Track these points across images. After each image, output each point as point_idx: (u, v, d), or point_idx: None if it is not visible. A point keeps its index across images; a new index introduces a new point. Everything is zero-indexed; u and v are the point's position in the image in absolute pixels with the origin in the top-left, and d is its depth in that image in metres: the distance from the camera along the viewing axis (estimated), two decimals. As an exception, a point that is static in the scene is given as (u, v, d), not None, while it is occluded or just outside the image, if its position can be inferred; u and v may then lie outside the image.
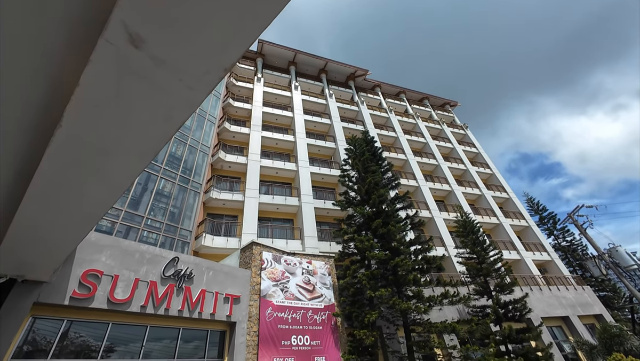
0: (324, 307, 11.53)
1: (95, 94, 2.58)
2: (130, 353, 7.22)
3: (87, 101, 2.61)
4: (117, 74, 2.44)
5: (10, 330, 5.55)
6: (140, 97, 2.67)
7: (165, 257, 8.49)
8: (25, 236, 4.50)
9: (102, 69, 2.39)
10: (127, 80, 2.52)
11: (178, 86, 2.61)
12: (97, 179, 3.49)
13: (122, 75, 2.46)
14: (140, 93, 2.64)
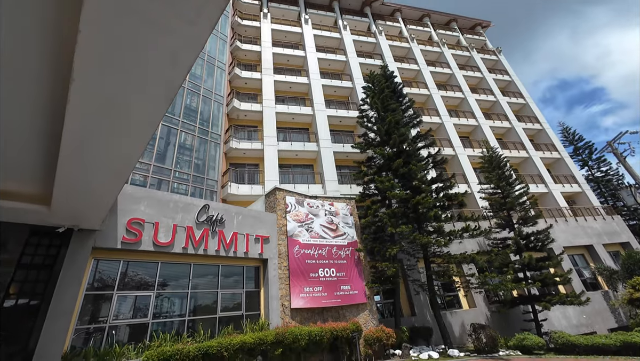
0: (347, 244, 12.29)
1: (97, 40, 2.46)
2: (181, 286, 8.34)
3: (91, 48, 2.50)
4: (113, 13, 2.27)
5: (78, 269, 6.49)
6: (143, 40, 2.52)
7: (196, 205, 9.11)
8: (69, 191, 4.91)
9: (98, 11, 2.23)
10: (125, 20, 2.35)
11: (178, 22, 2.41)
12: (118, 130, 3.57)
13: (119, 14, 2.28)
14: (142, 35, 2.49)
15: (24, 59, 2.86)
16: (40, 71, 3.01)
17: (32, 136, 3.89)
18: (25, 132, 3.82)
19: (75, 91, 2.92)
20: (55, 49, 2.79)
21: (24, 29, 2.59)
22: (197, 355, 6.79)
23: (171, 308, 8.13)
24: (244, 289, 9.56)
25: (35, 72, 3.01)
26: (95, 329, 6.76)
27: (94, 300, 6.94)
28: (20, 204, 5.25)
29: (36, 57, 2.84)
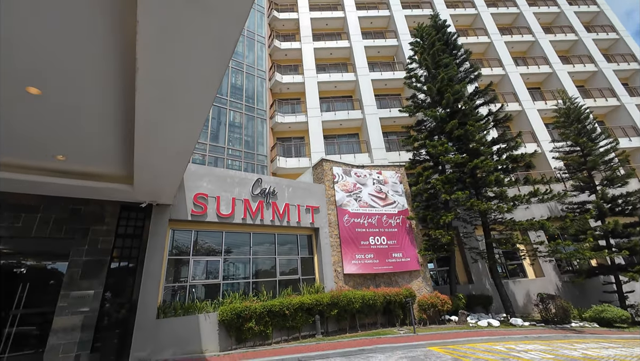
0: (397, 212, 12.08)
1: (152, 27, 2.60)
2: (243, 252, 9.22)
3: (148, 36, 2.67)
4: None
5: (160, 238, 7.57)
6: (189, 21, 2.60)
7: (250, 179, 9.71)
8: (145, 171, 5.60)
9: None
10: (173, 5, 2.44)
11: None
12: (179, 112, 3.85)
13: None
14: (187, 17, 2.56)
15: (99, 58, 3.18)
16: (113, 66, 3.33)
17: (112, 126, 4.44)
18: (106, 123, 4.37)
19: (141, 79, 3.19)
20: (122, 45, 3.05)
21: (98, 32, 2.85)
22: (262, 312, 7.63)
23: (236, 272, 9.12)
24: (299, 256, 10.20)
25: (109, 68, 3.35)
26: (178, 287, 7.96)
27: (175, 264, 8.10)
28: (111, 185, 6.19)
29: (109, 55, 3.14)
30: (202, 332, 7.15)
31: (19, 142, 4.77)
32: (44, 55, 3.14)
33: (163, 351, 6.63)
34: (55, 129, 4.45)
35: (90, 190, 6.37)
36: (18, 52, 3.08)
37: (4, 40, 2.92)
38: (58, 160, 5.37)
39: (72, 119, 4.27)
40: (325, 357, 6.58)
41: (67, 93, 3.75)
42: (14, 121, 4.18)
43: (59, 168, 5.71)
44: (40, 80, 3.50)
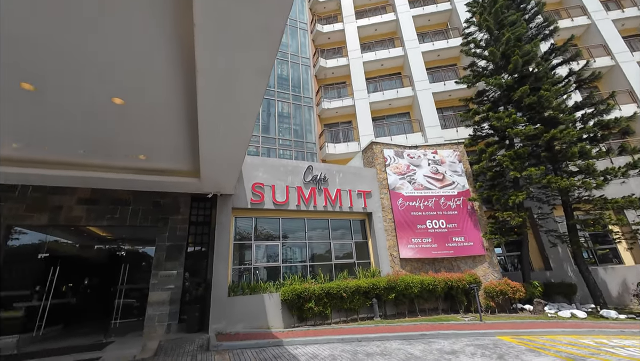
0: (457, 193, 11.23)
1: (206, 25, 2.76)
2: (299, 238, 9.62)
3: (205, 32, 2.84)
4: None
5: (226, 224, 8.32)
6: (237, 15, 2.68)
7: (301, 167, 9.97)
8: (210, 165, 6.14)
9: None
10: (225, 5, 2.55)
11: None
12: (236, 106, 4.08)
13: None
14: (237, 12, 2.65)
15: (166, 66, 3.51)
16: (176, 71, 3.66)
17: (181, 126, 4.92)
18: (175, 124, 4.87)
19: (201, 79, 3.46)
20: (182, 49, 3.31)
21: (162, 41, 3.13)
22: (321, 293, 7.94)
23: (294, 256, 9.58)
24: (353, 240, 10.26)
25: (175, 74, 3.69)
26: (244, 269, 8.72)
27: (239, 248, 8.85)
28: (182, 179, 6.96)
29: (172, 61, 3.44)
30: (267, 310, 7.77)
31: (110, 146, 5.61)
32: (125, 70, 3.59)
33: (235, 325, 7.40)
34: (137, 132, 5.12)
35: (166, 184, 7.25)
36: (107, 70, 3.58)
37: (95, 60, 3.41)
38: (140, 159, 6.19)
39: (149, 122, 4.84)
40: (384, 339, 6.61)
41: (144, 100, 4.26)
42: (106, 128, 4.92)
43: (142, 167, 6.60)
44: (123, 90, 4.02)
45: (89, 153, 5.85)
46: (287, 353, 5.83)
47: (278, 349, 6.11)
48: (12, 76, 3.68)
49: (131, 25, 3.01)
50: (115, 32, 3.08)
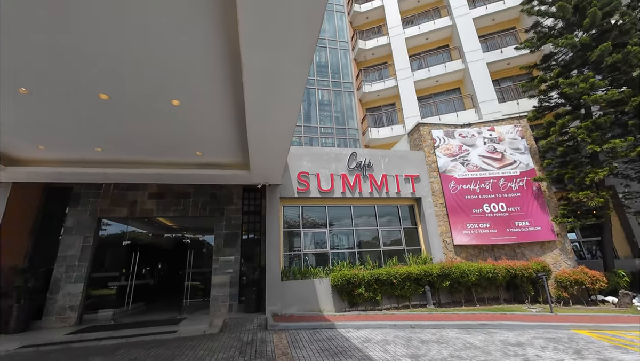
0: (519, 173, 10.12)
1: (249, 20, 2.81)
2: (346, 225, 9.65)
3: (248, 28, 2.91)
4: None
5: (275, 213, 8.69)
6: (280, 4, 2.68)
7: (344, 154, 9.88)
8: (258, 158, 6.42)
9: None
10: None
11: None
12: (279, 98, 4.15)
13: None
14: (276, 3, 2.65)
15: (215, 66, 3.70)
16: (223, 71, 3.83)
17: (229, 122, 5.20)
18: (226, 121, 5.15)
19: (246, 75, 3.57)
20: (227, 46, 3.44)
21: (210, 43, 3.30)
22: (370, 280, 7.93)
23: (340, 242, 9.66)
24: (402, 227, 9.96)
25: (223, 74, 3.87)
26: (294, 255, 9.08)
27: (288, 235, 9.21)
28: (233, 171, 7.40)
29: (220, 61, 3.61)
30: (318, 294, 8.03)
31: (170, 144, 6.18)
32: (180, 73, 3.87)
33: (289, 307, 7.81)
34: (192, 130, 5.54)
35: (220, 177, 7.79)
36: (166, 75, 3.90)
37: (156, 67, 3.73)
38: (197, 155, 6.72)
39: (202, 120, 5.20)
40: (439, 327, 6.39)
41: (197, 101, 4.58)
42: (167, 128, 5.41)
43: (198, 162, 7.17)
44: (179, 93, 4.36)
45: (154, 153, 6.53)
46: (340, 335, 5.98)
47: (331, 331, 6.30)
48: (93, 89, 4.22)
49: (185, 32, 3.20)
50: (171, 41, 3.31)
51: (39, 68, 3.78)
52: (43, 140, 5.80)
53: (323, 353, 4.86)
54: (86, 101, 4.49)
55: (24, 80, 4.01)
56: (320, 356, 4.70)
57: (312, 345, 5.34)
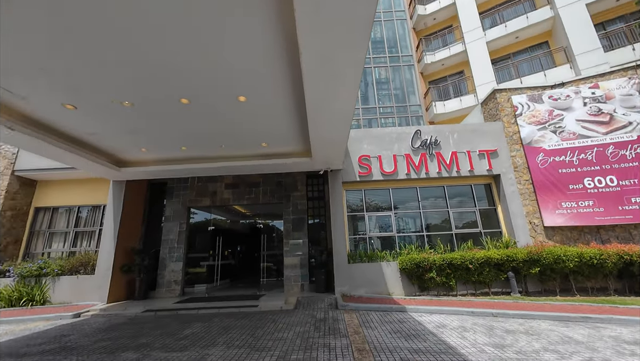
0: (636, 138, 8.11)
1: (305, 11, 2.80)
2: (411, 207, 9.21)
3: (304, 15, 2.90)
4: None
5: (338, 198, 8.81)
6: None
7: (407, 133, 9.31)
8: (319, 144, 6.53)
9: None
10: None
11: None
12: (337, 83, 4.10)
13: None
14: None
15: (276, 60, 3.83)
16: (281, 64, 3.94)
17: (290, 112, 5.38)
18: (287, 112, 5.35)
19: (305, 62, 3.60)
20: (285, 37, 3.51)
21: (272, 34, 3.41)
22: (442, 264, 7.49)
23: (406, 226, 9.29)
24: (477, 208, 9.05)
25: (281, 66, 4.00)
26: (359, 239, 9.12)
27: (353, 219, 9.26)
28: (297, 159, 7.70)
29: (278, 53, 3.72)
30: (386, 277, 7.96)
31: (239, 138, 6.71)
32: (243, 71, 4.13)
33: (357, 289, 7.95)
34: (257, 123, 5.91)
35: (285, 166, 8.19)
36: (232, 75, 4.20)
37: (223, 68, 4.05)
38: (263, 147, 7.18)
39: (265, 113, 5.49)
40: (528, 318, 5.71)
41: (260, 95, 4.84)
42: (235, 124, 5.88)
43: (265, 153, 7.66)
44: (244, 89, 4.67)
45: (227, 147, 7.20)
46: (411, 318, 5.87)
47: (402, 314, 6.22)
48: (177, 95, 4.81)
49: (246, 29, 3.36)
50: (235, 40, 3.52)
51: (137, 84, 4.47)
52: (144, 144, 6.92)
53: (395, 335, 4.84)
54: (172, 106, 5.16)
55: (127, 95, 4.80)
56: (393, 338, 4.69)
57: (384, 326, 5.37)
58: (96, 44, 3.60)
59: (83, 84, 4.47)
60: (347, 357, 3.97)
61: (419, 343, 4.43)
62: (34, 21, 3.24)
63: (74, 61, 3.89)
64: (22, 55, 3.77)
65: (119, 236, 8.78)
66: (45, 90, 4.57)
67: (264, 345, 4.53)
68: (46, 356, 4.35)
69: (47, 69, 4.07)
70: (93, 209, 10.02)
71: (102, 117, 5.50)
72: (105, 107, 5.16)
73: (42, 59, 3.85)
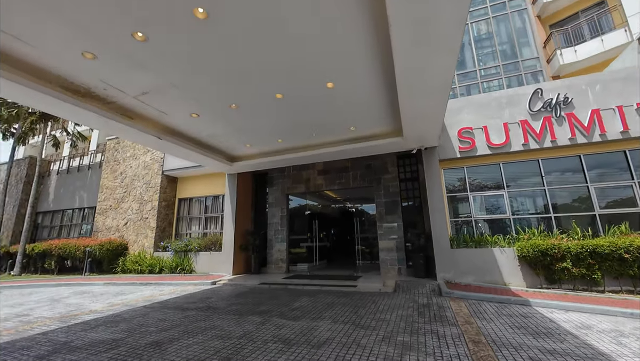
0: None
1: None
2: (529, 184, 7.62)
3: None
4: None
5: (435, 178, 8.07)
6: None
7: (523, 94, 7.68)
8: (411, 121, 6.06)
9: None
10: None
11: None
12: (432, 49, 3.65)
13: None
14: None
15: (360, 41, 3.69)
16: (364, 44, 3.76)
17: (379, 91, 5.14)
18: (375, 93, 5.13)
19: (395, 29, 3.32)
20: (372, 11, 3.31)
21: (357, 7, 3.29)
22: (581, 252, 6.02)
23: (523, 206, 7.80)
24: (635, 181, 6.82)
25: (367, 45, 3.82)
26: (462, 222, 8.19)
27: (454, 200, 8.36)
28: (387, 140, 7.40)
29: (364, 34, 3.56)
30: (500, 265, 6.95)
31: (328, 125, 6.85)
32: (331, 54, 4.12)
33: (463, 276, 7.22)
34: (346, 107, 5.89)
35: (374, 148, 7.98)
36: (320, 61, 4.27)
37: (311, 59, 4.14)
38: (351, 130, 7.16)
39: (353, 97, 5.41)
40: None
41: (349, 79, 4.78)
42: (324, 111, 6.01)
43: (353, 137, 7.63)
44: (332, 74, 4.69)
45: (317, 134, 7.47)
46: (538, 314, 4.96)
47: (525, 308, 5.34)
48: (272, 91, 5.23)
49: (332, 9, 3.31)
50: (323, 27, 3.52)
51: (241, 88, 5.06)
52: (248, 140, 7.88)
53: (519, 330, 4.19)
54: (269, 103, 5.64)
55: (233, 99, 5.50)
56: (516, 333, 4.08)
57: (501, 319, 4.72)
58: (217, 63, 4.22)
59: (203, 96, 5.33)
60: (460, 347, 3.66)
61: (553, 343, 3.71)
62: (174, 54, 4.00)
63: (201, 78, 4.67)
64: (163, 79, 4.74)
65: (236, 220, 10.40)
66: (179, 105, 5.66)
67: (367, 323, 4.63)
68: (199, 312, 5.58)
69: (181, 88, 5.01)
70: (214, 199, 12.15)
71: (216, 121, 6.49)
72: (219, 112, 6.05)
73: (179, 82, 4.76)
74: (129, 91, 5.07)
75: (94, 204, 13.94)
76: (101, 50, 3.99)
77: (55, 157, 17.07)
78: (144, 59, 4.20)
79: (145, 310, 5.90)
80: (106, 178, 13.61)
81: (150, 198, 12.16)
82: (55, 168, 16.00)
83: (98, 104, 5.36)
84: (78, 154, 16.27)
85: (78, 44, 3.86)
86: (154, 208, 11.93)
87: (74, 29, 3.57)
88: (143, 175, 12.64)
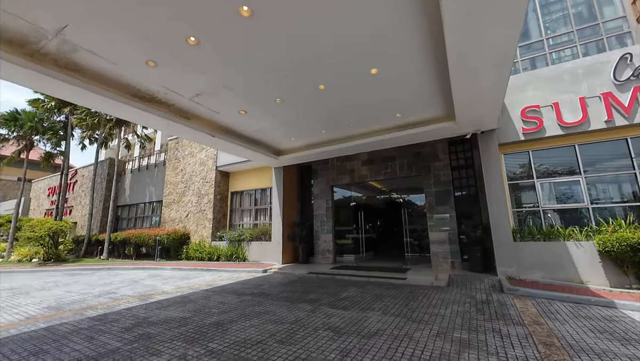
0: None
1: None
2: (612, 168, 6.49)
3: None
4: None
5: (495, 164, 7.31)
6: None
7: (605, 62, 6.51)
8: (464, 104, 5.55)
9: None
10: None
11: None
12: (493, 11, 3.23)
13: None
14: None
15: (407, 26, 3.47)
16: (411, 27, 3.50)
17: (427, 73, 4.79)
18: (424, 77, 4.80)
19: (445, 4, 3.04)
20: None
21: None
22: (688, 249, 4.98)
23: (603, 194, 6.68)
24: None
25: (413, 27, 3.57)
26: (526, 212, 7.35)
27: (517, 188, 7.53)
28: (437, 125, 6.92)
29: (411, 19, 3.32)
30: (575, 261, 6.11)
31: (372, 113, 6.62)
32: (377, 38, 3.95)
33: (529, 272, 6.52)
34: (391, 93, 5.63)
35: (423, 134, 7.53)
36: (363, 45, 4.13)
37: (358, 38, 4.02)
38: (397, 117, 6.84)
39: (399, 81, 5.13)
40: None
41: (394, 62, 4.54)
42: (368, 99, 5.82)
43: (399, 124, 7.29)
44: (377, 59, 4.50)
45: (360, 124, 7.29)
46: (627, 318, 4.27)
47: (608, 311, 4.63)
48: (315, 83, 5.22)
49: None
50: (364, 11, 3.37)
51: (284, 82, 5.14)
52: (292, 133, 8.03)
53: (601, 335, 3.65)
54: (311, 95, 5.65)
55: (278, 93, 5.62)
56: (598, 338, 3.56)
57: (578, 321, 4.16)
58: (263, 59, 4.36)
59: (250, 92, 5.55)
60: (528, 348, 3.32)
61: (650, 354, 3.15)
62: (223, 54, 4.22)
63: (247, 75, 4.86)
64: (214, 79, 5.04)
65: (283, 211, 10.78)
66: (228, 103, 5.98)
67: (419, 317, 4.45)
68: (254, 297, 5.95)
69: (229, 86, 5.28)
70: (262, 192, 12.73)
71: (262, 116, 6.73)
72: (264, 108, 6.25)
73: (227, 80, 5.02)
74: (185, 93, 5.50)
75: (160, 198, 15.67)
76: (161, 57, 4.37)
77: (128, 158, 19.54)
78: (197, 62, 4.50)
79: (207, 293, 6.48)
80: (169, 175, 15.16)
81: (206, 191, 13.23)
82: (129, 167, 18.34)
83: (160, 107, 5.92)
84: (146, 154, 18.37)
85: (142, 54, 4.28)
86: (210, 201, 12.96)
87: (137, 40, 3.96)
88: (199, 171, 13.78)
